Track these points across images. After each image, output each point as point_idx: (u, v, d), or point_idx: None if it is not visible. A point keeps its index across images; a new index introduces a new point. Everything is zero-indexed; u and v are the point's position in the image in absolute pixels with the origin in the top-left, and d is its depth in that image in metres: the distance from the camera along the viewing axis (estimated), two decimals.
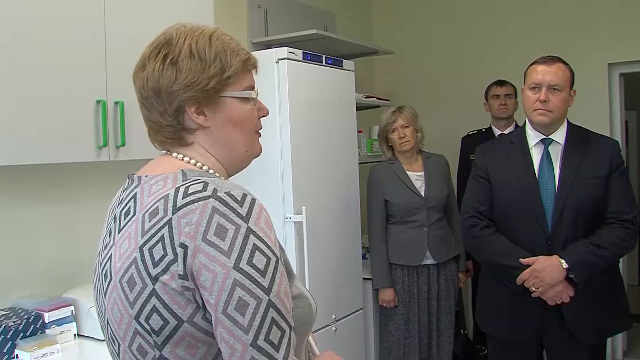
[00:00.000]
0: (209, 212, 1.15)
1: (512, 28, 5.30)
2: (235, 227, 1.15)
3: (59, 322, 2.60)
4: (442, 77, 5.56)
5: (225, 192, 1.18)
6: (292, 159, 3.44)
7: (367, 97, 4.78)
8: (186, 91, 1.29)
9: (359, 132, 4.52)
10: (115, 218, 1.34)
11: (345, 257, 3.90)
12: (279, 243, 1.26)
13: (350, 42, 4.41)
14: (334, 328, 3.76)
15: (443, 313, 3.98)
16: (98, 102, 2.53)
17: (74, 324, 2.66)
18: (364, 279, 4.10)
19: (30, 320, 2.50)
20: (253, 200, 1.20)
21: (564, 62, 2.89)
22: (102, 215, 1.46)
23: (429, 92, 5.56)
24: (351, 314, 3.96)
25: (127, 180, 1.38)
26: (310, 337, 1.55)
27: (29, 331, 2.48)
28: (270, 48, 3.64)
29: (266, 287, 1.14)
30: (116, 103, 2.59)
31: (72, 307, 2.66)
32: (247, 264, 1.13)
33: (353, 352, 3.99)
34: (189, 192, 1.19)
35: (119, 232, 1.28)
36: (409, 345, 3.93)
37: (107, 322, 1.28)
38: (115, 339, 1.27)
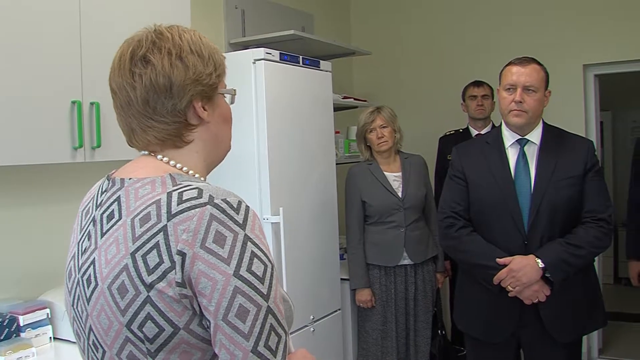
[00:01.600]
0: (207, 219, 1.15)
1: (489, 29, 5.34)
2: (234, 234, 1.15)
3: (34, 325, 2.57)
4: (419, 78, 5.59)
5: (222, 199, 1.18)
6: (269, 159, 3.43)
7: (345, 97, 4.78)
8: (196, 85, 1.30)
9: (336, 132, 4.52)
10: (94, 221, 1.31)
11: (322, 257, 3.90)
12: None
13: (328, 42, 4.41)
14: (312, 329, 3.76)
15: (420, 313, 3.99)
16: (73, 102, 2.51)
17: (49, 327, 2.63)
18: (341, 279, 4.10)
19: (5, 324, 2.47)
20: (247, 207, 1.21)
21: (538, 63, 2.91)
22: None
23: (406, 92, 5.59)
24: (329, 314, 3.96)
25: (107, 181, 1.37)
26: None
27: (4, 335, 2.46)
28: (248, 49, 3.63)
29: (265, 293, 1.15)
30: (92, 104, 2.57)
31: (47, 310, 2.63)
32: (246, 270, 1.14)
33: (331, 352, 3.99)
34: (184, 198, 1.18)
35: (101, 237, 1.27)
36: (386, 345, 3.94)
37: (90, 329, 1.26)
38: (99, 346, 1.25)
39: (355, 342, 4.16)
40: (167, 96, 1.29)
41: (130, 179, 1.30)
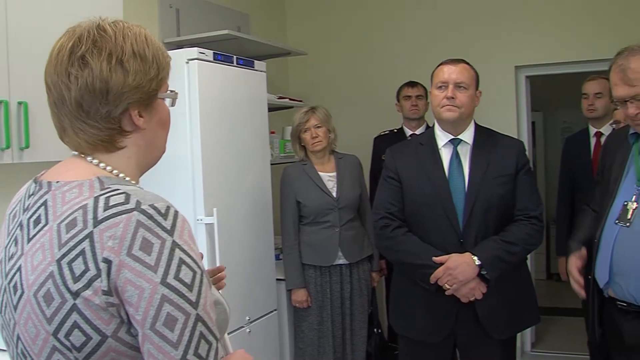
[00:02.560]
0: (133, 225, 1.12)
1: (424, 31, 5.42)
2: (161, 241, 1.13)
3: None
4: (355, 78, 5.62)
5: (149, 205, 1.15)
6: (203, 160, 3.40)
7: (280, 98, 4.78)
8: (135, 93, 1.26)
9: (272, 133, 4.51)
10: (21, 226, 1.27)
11: (258, 258, 3.89)
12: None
13: (263, 42, 4.40)
14: (248, 330, 3.74)
15: (356, 313, 4.01)
16: (0, 102, 2.44)
17: None
18: (277, 279, 4.09)
19: None
20: (176, 213, 1.18)
21: (468, 64, 2.98)
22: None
23: (342, 93, 5.62)
24: (265, 315, 3.95)
25: (34, 185, 1.32)
26: (225, 336, 1.55)
27: None
28: (183, 48, 3.59)
29: (194, 301, 1.13)
30: (20, 103, 2.49)
31: None
32: (174, 278, 1.12)
33: (267, 353, 3.98)
34: (110, 203, 1.15)
35: (28, 242, 1.23)
36: (323, 345, 3.94)
37: (18, 337, 1.22)
38: (27, 355, 1.21)
39: (292, 342, 4.15)
40: (102, 102, 1.24)
41: (57, 182, 1.26)
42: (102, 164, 1.29)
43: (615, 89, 2.48)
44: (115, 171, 1.29)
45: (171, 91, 1.38)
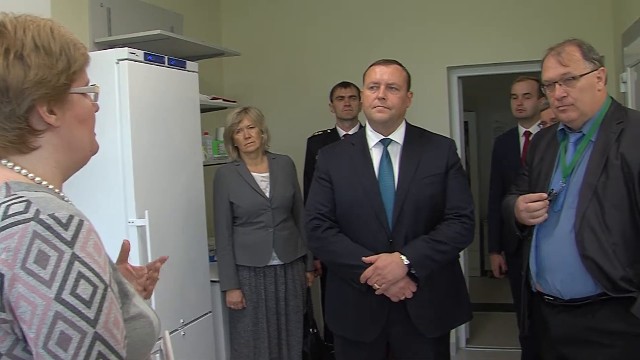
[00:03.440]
0: (29, 237, 1.06)
1: (358, 32, 5.45)
2: (59, 253, 1.07)
3: None
4: (289, 79, 5.63)
5: (48, 215, 1.09)
6: (134, 161, 3.36)
7: (214, 98, 4.74)
8: (39, 88, 1.18)
9: (205, 133, 4.48)
10: None
11: (191, 260, 3.85)
12: (111, 262, 1.20)
13: (195, 43, 4.36)
14: (182, 332, 3.71)
15: (292, 313, 4.01)
16: None
17: None
18: (211, 281, 4.06)
19: None
20: (80, 222, 1.12)
21: (400, 65, 3.00)
22: None
23: (277, 93, 5.62)
24: (200, 317, 3.92)
25: None
26: (166, 336, 1.51)
27: None
28: (115, 48, 3.54)
29: (92, 318, 1.07)
30: None
31: None
32: (70, 294, 1.06)
33: (203, 355, 3.95)
34: (8, 212, 1.09)
35: None
36: (258, 346, 3.93)
37: None
38: None
39: (228, 344, 4.13)
40: (3, 101, 1.18)
41: None
42: (16, 167, 1.23)
43: (547, 72, 2.57)
44: (31, 174, 1.23)
45: (91, 85, 1.32)
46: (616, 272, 2.36)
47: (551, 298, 2.56)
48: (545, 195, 2.55)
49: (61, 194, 1.28)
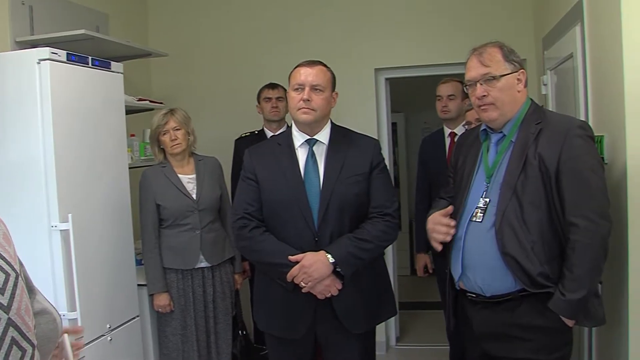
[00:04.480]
0: None
1: (285, 33, 5.49)
2: None
3: None
4: (216, 80, 5.61)
5: None
6: (56, 164, 3.29)
7: (140, 100, 4.68)
8: None
9: (132, 135, 4.43)
10: None
11: (117, 263, 3.80)
12: (18, 258, 1.20)
13: (121, 43, 4.29)
14: (109, 338, 3.65)
15: (220, 315, 4.00)
16: None
17: None
18: (138, 285, 4.01)
19: None
20: None
21: (325, 66, 3.04)
22: None
23: (204, 94, 5.61)
24: (127, 321, 3.87)
25: None
26: (66, 339, 1.50)
27: None
28: (37, 48, 3.45)
29: (5, 304, 1.07)
30: None
31: None
32: None
33: None
34: None
35: None
36: (187, 349, 3.90)
37: None
38: None
39: (156, 348, 4.09)
40: None
41: None
42: None
43: (469, 72, 2.65)
44: None
45: None
46: (534, 268, 2.45)
47: (474, 295, 2.64)
48: (453, 222, 2.66)
49: None
